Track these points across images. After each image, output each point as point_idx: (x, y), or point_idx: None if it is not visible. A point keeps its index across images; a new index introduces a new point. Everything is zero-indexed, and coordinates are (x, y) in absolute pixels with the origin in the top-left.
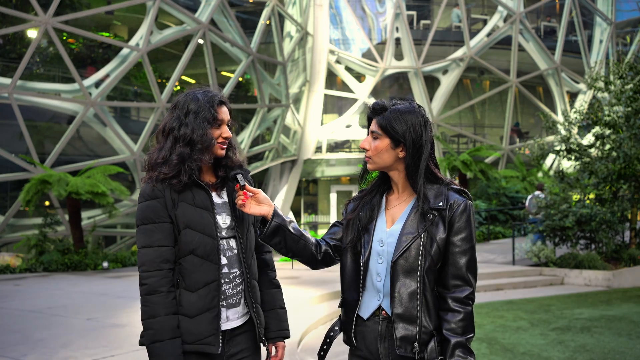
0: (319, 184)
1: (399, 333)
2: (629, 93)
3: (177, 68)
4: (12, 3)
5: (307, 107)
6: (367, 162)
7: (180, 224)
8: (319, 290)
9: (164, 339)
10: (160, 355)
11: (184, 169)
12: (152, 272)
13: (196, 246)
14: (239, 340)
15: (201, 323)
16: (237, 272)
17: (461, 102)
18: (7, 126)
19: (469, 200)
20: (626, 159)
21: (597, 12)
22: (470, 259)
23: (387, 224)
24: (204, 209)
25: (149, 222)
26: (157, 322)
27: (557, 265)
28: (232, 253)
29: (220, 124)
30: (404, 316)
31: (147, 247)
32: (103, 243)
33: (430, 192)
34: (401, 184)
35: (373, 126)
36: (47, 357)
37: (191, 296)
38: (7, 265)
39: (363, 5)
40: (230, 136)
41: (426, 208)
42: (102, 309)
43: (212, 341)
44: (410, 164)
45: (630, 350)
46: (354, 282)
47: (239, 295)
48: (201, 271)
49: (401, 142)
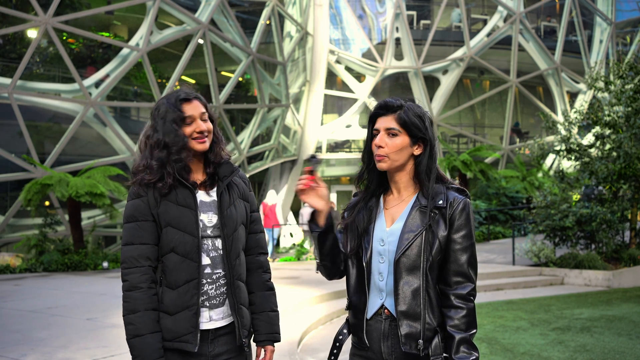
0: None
1: (403, 330)
2: (629, 93)
3: (177, 68)
4: (12, 3)
5: (307, 107)
6: (381, 160)
7: (162, 222)
8: (319, 290)
9: (144, 334)
10: (140, 349)
11: (167, 172)
12: (133, 269)
13: (176, 244)
14: (225, 340)
15: (180, 321)
16: (221, 272)
17: (461, 102)
18: (7, 126)
19: (467, 199)
20: (626, 159)
21: (597, 12)
22: (471, 255)
23: (387, 224)
24: (186, 207)
25: (132, 220)
26: (137, 317)
27: (557, 265)
28: (217, 253)
29: (191, 121)
30: (408, 313)
31: (129, 245)
32: (103, 243)
33: (431, 191)
34: (403, 184)
35: (390, 123)
36: (47, 357)
37: (172, 293)
38: (7, 265)
39: (363, 5)
40: (204, 129)
41: (431, 207)
42: (102, 309)
43: (190, 339)
44: (422, 162)
45: (630, 350)
46: (360, 284)
47: (222, 296)
48: (181, 269)
49: (419, 140)
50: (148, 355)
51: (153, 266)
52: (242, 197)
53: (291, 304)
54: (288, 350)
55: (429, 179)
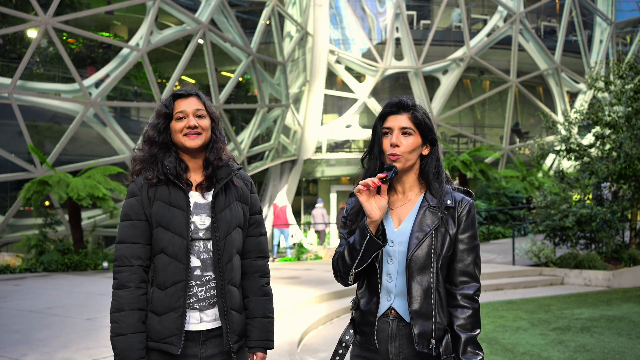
0: (319, 184)
1: (417, 330)
2: (630, 93)
3: (177, 68)
4: (12, 3)
5: (307, 107)
6: (396, 160)
7: (154, 222)
8: (319, 290)
9: (126, 333)
10: (122, 349)
11: (157, 167)
12: (123, 267)
13: (165, 245)
14: (218, 342)
15: (166, 322)
16: (212, 275)
17: (461, 102)
18: (7, 126)
19: (472, 200)
20: (627, 159)
21: (597, 12)
22: (476, 256)
23: (394, 224)
24: (178, 208)
25: (127, 219)
26: (121, 316)
27: (557, 265)
28: (208, 255)
29: (182, 117)
30: (420, 313)
31: (121, 243)
32: (103, 243)
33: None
34: (409, 184)
35: (404, 122)
36: (47, 357)
37: (160, 294)
38: (7, 265)
39: (363, 5)
40: (193, 124)
41: (442, 207)
42: (102, 309)
43: (174, 341)
44: (430, 162)
45: (630, 350)
46: (370, 285)
47: (213, 299)
48: (170, 270)
49: (428, 140)
50: (129, 354)
51: (144, 266)
52: (240, 200)
53: (291, 304)
54: (288, 350)
55: (437, 179)
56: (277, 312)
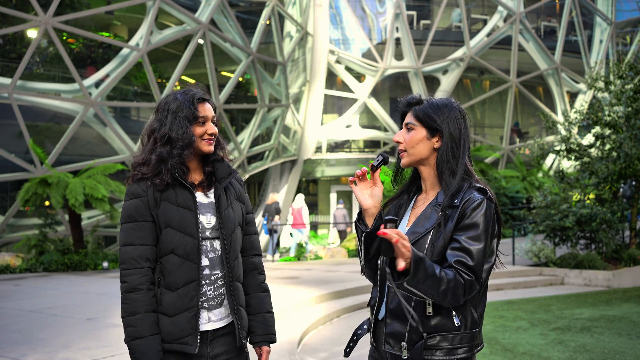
0: (319, 184)
1: (388, 329)
2: (629, 93)
3: (177, 68)
4: (12, 3)
5: (307, 107)
6: (402, 157)
7: (162, 223)
8: (319, 290)
9: (144, 336)
10: (142, 352)
11: (166, 168)
12: (132, 270)
13: (176, 245)
14: (224, 341)
15: (180, 322)
16: (220, 273)
17: (461, 102)
18: (7, 126)
19: (487, 199)
20: (627, 159)
21: (597, 12)
22: (480, 254)
23: (407, 223)
24: (186, 208)
25: (131, 221)
26: (137, 320)
27: (557, 265)
28: (215, 254)
29: (204, 121)
30: (395, 313)
31: (128, 245)
32: (103, 243)
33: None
34: (430, 181)
35: (408, 118)
36: (47, 357)
37: (171, 295)
38: (7, 265)
39: (363, 5)
40: (216, 132)
41: (444, 205)
42: (102, 309)
43: (189, 341)
44: (444, 156)
45: (630, 350)
46: (375, 283)
47: (221, 297)
48: (181, 271)
49: (437, 132)
50: (149, 357)
51: (152, 267)
52: (238, 199)
53: (291, 304)
54: (288, 350)
55: (449, 173)
56: (277, 312)
